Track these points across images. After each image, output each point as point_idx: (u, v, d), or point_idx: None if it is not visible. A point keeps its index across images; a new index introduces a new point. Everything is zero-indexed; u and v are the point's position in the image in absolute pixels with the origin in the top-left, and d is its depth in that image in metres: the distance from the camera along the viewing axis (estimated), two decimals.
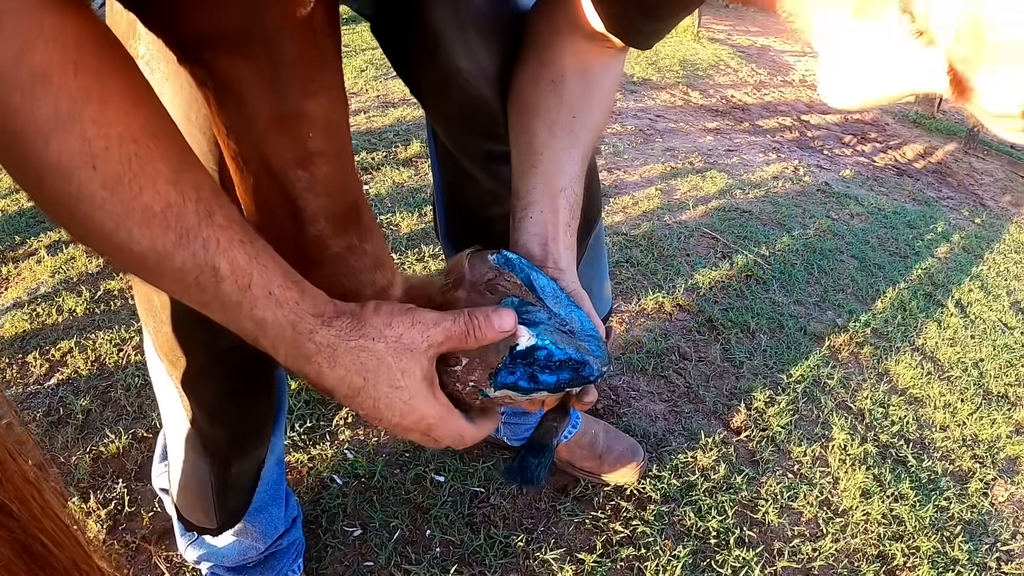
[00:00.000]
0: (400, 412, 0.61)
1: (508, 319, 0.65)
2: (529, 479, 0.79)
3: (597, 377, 0.70)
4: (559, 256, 0.77)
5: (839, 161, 4.54)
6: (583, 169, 0.81)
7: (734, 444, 1.87)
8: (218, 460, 1.10)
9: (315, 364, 0.59)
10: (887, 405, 2.16)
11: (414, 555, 1.49)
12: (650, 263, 2.62)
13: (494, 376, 0.66)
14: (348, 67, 4.48)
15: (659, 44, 4.34)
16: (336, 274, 0.78)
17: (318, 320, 0.58)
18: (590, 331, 0.74)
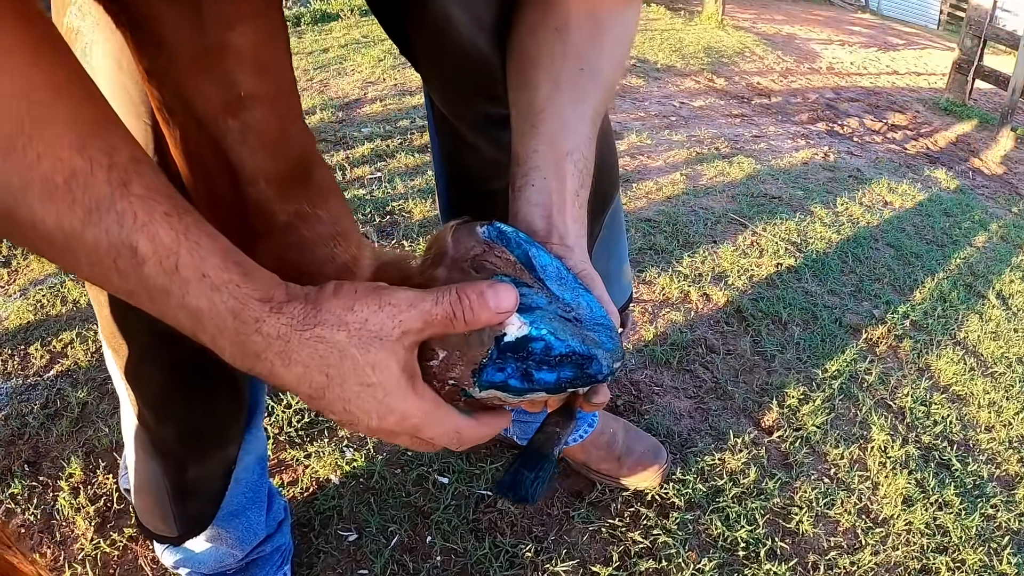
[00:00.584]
0: (377, 414, 0.50)
1: (508, 296, 0.51)
2: (523, 496, 0.62)
3: (607, 375, 0.57)
4: (566, 230, 0.64)
5: (870, 148, 4.30)
6: (594, 130, 0.69)
7: (765, 445, 1.68)
8: (171, 463, 0.96)
9: (267, 361, 0.48)
10: (929, 403, 1.96)
11: (412, 564, 1.32)
12: (675, 250, 2.43)
13: (478, 373, 0.53)
14: (366, 57, 4.44)
15: (683, 31, 4.18)
16: (286, 249, 0.62)
17: (265, 307, 0.47)
18: (600, 319, 0.61)
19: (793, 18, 9.11)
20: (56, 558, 1.33)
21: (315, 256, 0.63)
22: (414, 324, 0.49)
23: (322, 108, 3.47)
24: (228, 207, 0.63)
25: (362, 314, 0.48)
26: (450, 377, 0.53)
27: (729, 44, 6.54)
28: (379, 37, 4.95)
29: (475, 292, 0.49)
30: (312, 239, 0.62)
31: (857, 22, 10.46)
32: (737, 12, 8.50)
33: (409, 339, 0.49)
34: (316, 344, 0.47)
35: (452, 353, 0.53)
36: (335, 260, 0.63)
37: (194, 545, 1.09)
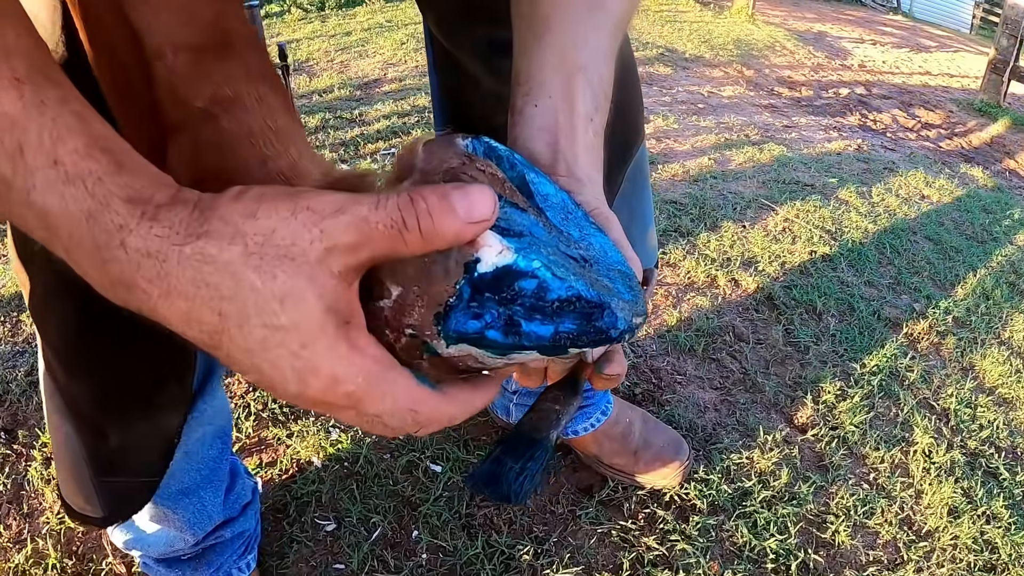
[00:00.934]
0: (294, 373, 0.35)
1: (482, 200, 0.35)
2: (503, 492, 0.46)
3: (623, 333, 0.41)
4: (574, 160, 0.51)
5: (903, 144, 4.07)
6: (612, 46, 0.56)
7: (799, 444, 1.48)
8: (85, 427, 0.79)
9: (141, 292, 0.33)
10: (974, 406, 1.76)
11: (394, 560, 1.15)
12: (701, 232, 2.24)
13: (443, 318, 0.38)
14: (389, 40, 4.38)
15: (712, 23, 4.01)
16: (202, 148, 0.46)
17: (134, 210, 0.33)
18: (617, 264, 0.47)
19: (824, 17, 8.84)
20: (20, 531, 1.22)
21: (239, 157, 0.45)
22: (344, 237, 0.33)
23: (340, 87, 3.37)
24: (136, 95, 0.47)
25: (267, 223, 0.33)
26: (407, 323, 0.38)
27: (759, 38, 6.31)
28: (403, 21, 4.89)
29: (435, 194, 0.34)
30: (234, 133, 0.45)
31: (889, 23, 10.17)
32: (767, 9, 8.26)
33: (338, 261, 0.34)
34: (200, 265, 0.32)
35: (409, 290, 0.37)
36: (266, 164, 0.45)
37: (143, 524, 0.95)
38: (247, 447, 1.34)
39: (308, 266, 0.33)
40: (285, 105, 0.47)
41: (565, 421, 0.49)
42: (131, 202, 0.32)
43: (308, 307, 0.33)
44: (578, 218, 0.47)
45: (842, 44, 7.26)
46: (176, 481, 0.91)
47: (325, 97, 3.27)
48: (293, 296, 0.33)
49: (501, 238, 0.36)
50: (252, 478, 1.14)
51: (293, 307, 0.33)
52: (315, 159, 0.48)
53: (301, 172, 0.46)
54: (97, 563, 1.15)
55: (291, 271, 0.32)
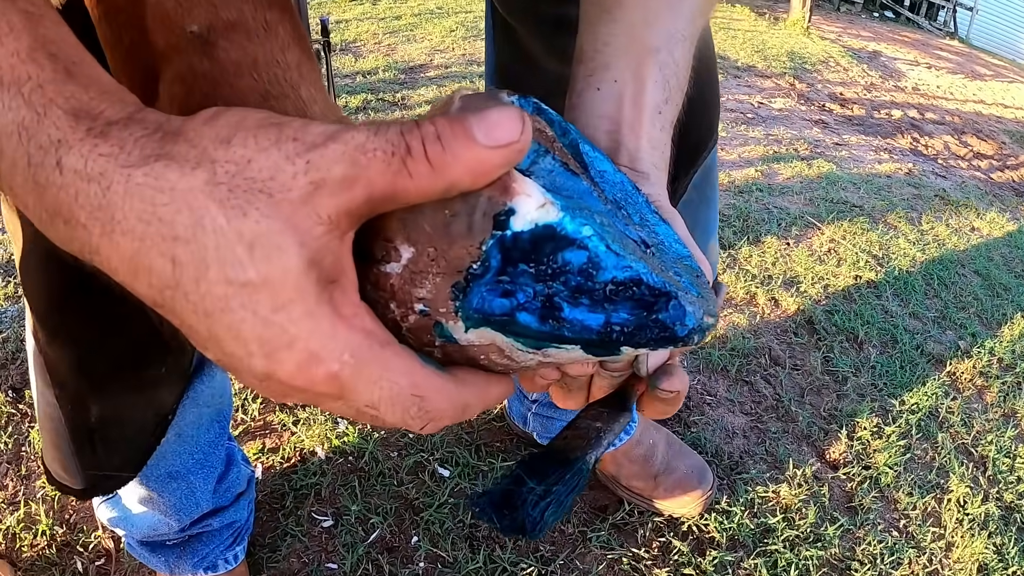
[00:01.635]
0: (262, 346, 0.26)
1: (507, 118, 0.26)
2: (518, 523, 0.35)
3: (693, 332, 0.32)
4: (638, 152, 0.43)
5: (954, 172, 3.90)
6: (692, 32, 0.48)
7: (828, 482, 1.37)
8: (65, 395, 0.71)
9: (79, 227, 0.25)
10: (1014, 456, 1.63)
11: (389, 566, 1.07)
12: (743, 247, 2.12)
13: (463, 291, 0.29)
14: (438, 26, 4.32)
15: (766, 33, 3.86)
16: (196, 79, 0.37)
17: (79, 125, 0.25)
18: (684, 258, 0.39)
19: (880, 36, 8.58)
20: (15, 492, 1.17)
21: (235, 91, 0.37)
22: (335, 170, 0.26)
23: (385, 69, 3.31)
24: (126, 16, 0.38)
25: (243, 151, 0.25)
26: (417, 298, 0.29)
27: (813, 52, 6.12)
28: (454, 9, 4.82)
29: (448, 120, 0.26)
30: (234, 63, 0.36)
31: (945, 48, 9.86)
32: (823, 23, 8.04)
33: (327, 202, 0.26)
34: (153, 194, 0.24)
35: (423, 251, 0.28)
36: (268, 103, 0.37)
37: (130, 504, 0.89)
38: (251, 430, 1.27)
39: (289, 204, 0.25)
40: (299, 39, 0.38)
41: (607, 442, 0.40)
42: (75, 115, 0.25)
43: (284, 258, 0.25)
44: (639, 203, 0.39)
45: (897, 65, 7.03)
46: (166, 463, 0.84)
47: (369, 79, 3.19)
48: (266, 241, 0.25)
49: (544, 190, 0.27)
50: (250, 466, 1.06)
51: (264, 256, 0.25)
52: (330, 106, 0.39)
53: (312, 118, 0.37)
54: (87, 534, 1.09)
55: (266, 209, 0.25)
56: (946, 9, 15.34)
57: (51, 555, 1.06)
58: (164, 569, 0.97)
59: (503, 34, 0.85)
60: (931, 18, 14.96)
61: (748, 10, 7.53)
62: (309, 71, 0.39)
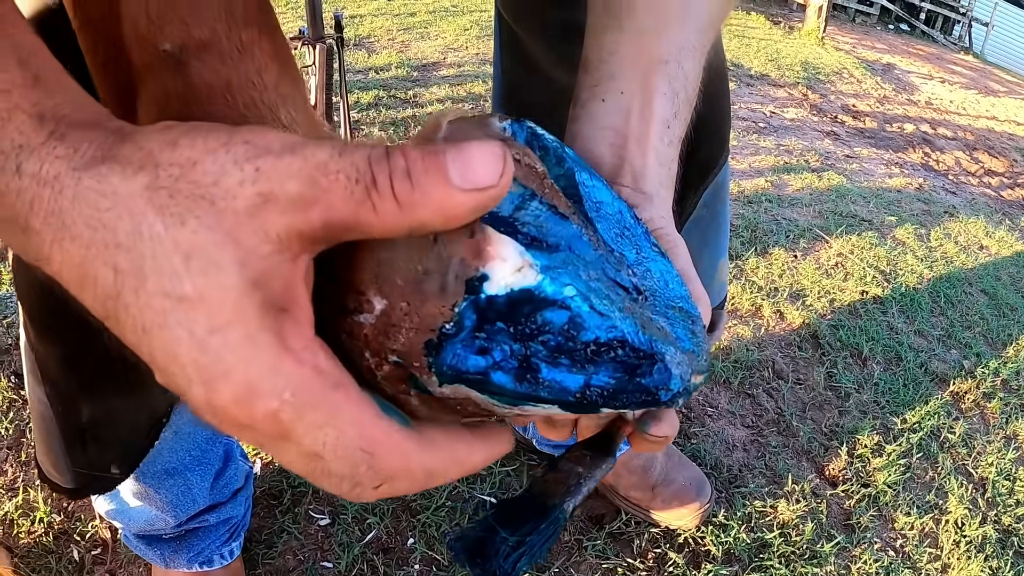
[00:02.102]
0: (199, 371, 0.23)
1: (486, 158, 0.24)
2: (489, 569, 0.34)
3: (677, 395, 0.31)
4: (643, 171, 0.41)
5: (964, 189, 3.87)
6: (703, 43, 0.46)
7: (827, 498, 1.36)
8: (55, 394, 0.70)
9: (36, 235, 0.24)
10: (1013, 478, 1.62)
11: (384, 567, 1.07)
12: (750, 257, 2.11)
13: (436, 348, 0.27)
14: (452, 24, 4.31)
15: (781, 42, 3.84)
16: (169, 99, 0.35)
17: (42, 129, 0.24)
18: (679, 300, 0.36)
19: (894, 48, 8.54)
20: (15, 479, 1.16)
21: (208, 116, 0.34)
22: (288, 185, 0.23)
23: (398, 66, 3.30)
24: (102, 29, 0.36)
25: (189, 152, 0.23)
26: (390, 349, 0.27)
27: (828, 62, 6.09)
28: (469, 8, 4.80)
29: (421, 154, 0.23)
30: (207, 85, 0.34)
31: (959, 63, 9.81)
32: (838, 34, 8.00)
33: (276, 220, 0.23)
34: (98, 199, 0.23)
35: (396, 304, 0.27)
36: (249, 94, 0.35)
37: (127, 497, 0.88)
38: None
39: (232, 215, 0.23)
40: (278, 58, 0.36)
41: (587, 489, 0.39)
42: (40, 119, 0.24)
43: (222, 275, 0.23)
44: (637, 236, 0.37)
45: (910, 79, 7.00)
46: (162, 460, 0.83)
47: (381, 75, 3.18)
48: (203, 254, 0.22)
49: (523, 250, 0.26)
50: (248, 462, 1.05)
51: (201, 270, 0.22)
52: (314, 125, 0.37)
53: None
54: (84, 523, 1.08)
55: (207, 218, 0.23)
56: (961, 24, 15.26)
57: (48, 543, 1.05)
58: (159, 563, 0.96)
59: (509, 44, 0.83)
60: (946, 32, 14.89)
61: (763, 18, 7.50)
62: (290, 91, 0.37)
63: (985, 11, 16.43)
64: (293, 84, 0.38)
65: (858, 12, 11.83)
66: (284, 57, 0.38)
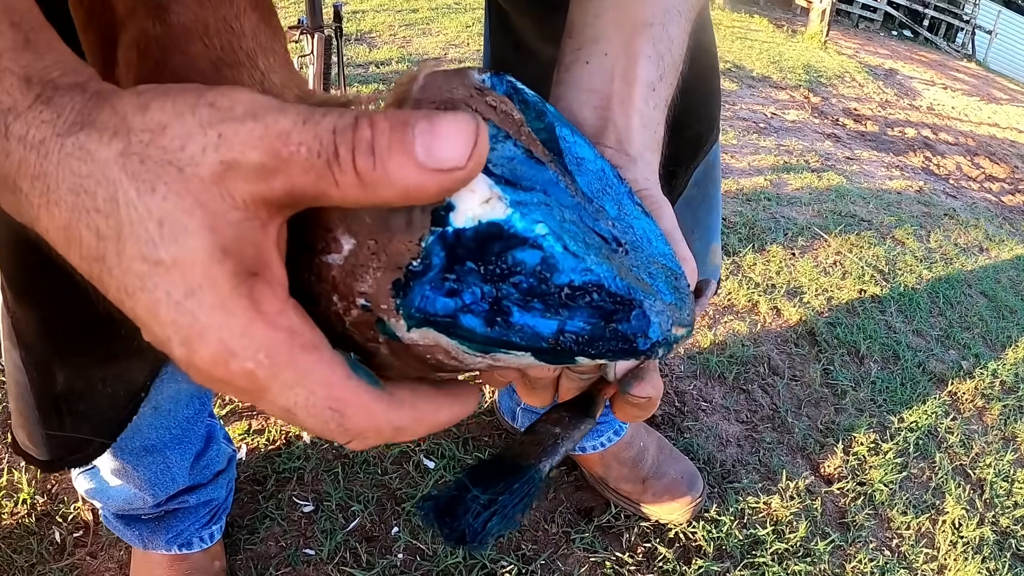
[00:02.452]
0: (178, 331, 0.24)
1: (459, 132, 0.22)
2: (458, 529, 0.32)
3: (656, 345, 0.29)
4: (627, 132, 0.40)
5: (965, 193, 3.86)
6: (689, 8, 0.45)
7: (822, 496, 1.34)
8: (32, 360, 0.68)
9: (23, 197, 0.24)
10: (1012, 480, 1.60)
11: (367, 555, 1.05)
12: (748, 254, 2.09)
13: (403, 288, 0.26)
14: (455, 21, 4.32)
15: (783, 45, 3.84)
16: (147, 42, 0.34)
17: (29, 92, 0.24)
18: (662, 256, 0.35)
19: (897, 54, 8.54)
20: (0, 459, 1.14)
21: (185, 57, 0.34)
22: (249, 154, 0.23)
23: (398, 61, 3.28)
24: None
25: (159, 116, 0.23)
26: (358, 291, 0.27)
27: (830, 66, 6.08)
28: (471, 5, 4.78)
29: (389, 120, 0.23)
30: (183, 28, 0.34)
31: (962, 70, 9.80)
32: (841, 38, 7.99)
33: (240, 187, 0.24)
34: (79, 165, 0.23)
35: (364, 243, 0.26)
36: (220, 72, 0.34)
37: (106, 476, 0.86)
38: (238, 411, 1.24)
39: (199, 182, 0.23)
40: (258, 6, 0.35)
41: (565, 449, 0.37)
42: (28, 81, 0.24)
43: (192, 240, 0.23)
44: (620, 194, 0.36)
45: (912, 84, 6.98)
46: (141, 436, 0.82)
47: (382, 69, 3.17)
48: (173, 220, 0.23)
49: (492, 183, 0.25)
50: (232, 446, 1.03)
51: (172, 236, 0.23)
52: (292, 77, 0.36)
53: (268, 90, 0.35)
54: (67, 505, 1.07)
55: (175, 185, 0.23)
56: (965, 31, 15.26)
57: (30, 524, 1.04)
58: (138, 543, 0.94)
59: (497, 21, 0.82)
60: (949, 39, 14.89)
61: (766, 21, 7.49)
62: (268, 40, 0.36)
63: (989, 19, 16.43)
64: (273, 34, 0.37)
65: (861, 17, 11.83)
66: (264, 5, 0.37)
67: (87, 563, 1.01)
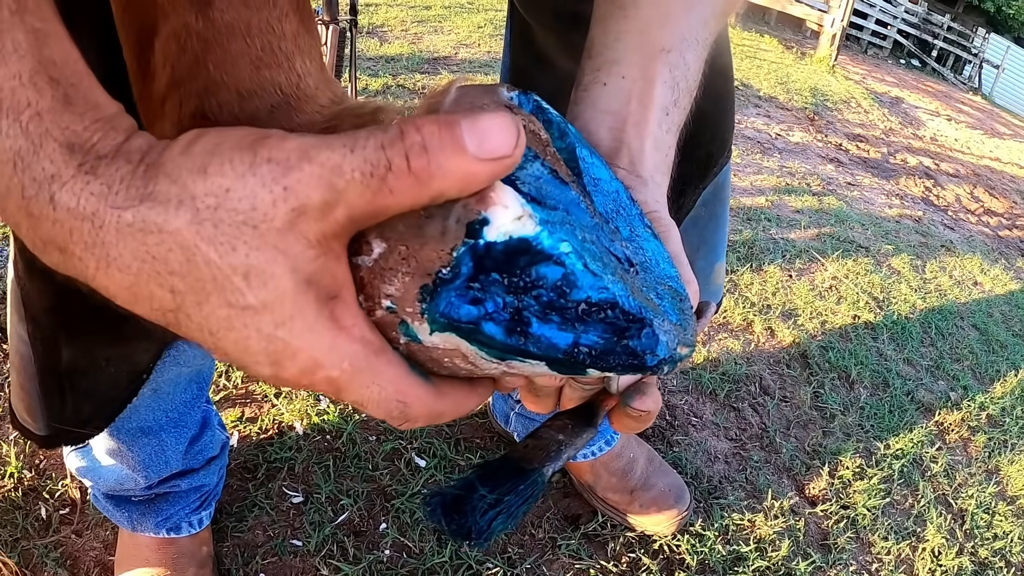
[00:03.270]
0: (268, 356, 0.27)
1: (501, 128, 0.25)
2: (465, 525, 0.34)
3: (663, 362, 0.31)
4: (640, 154, 0.42)
5: (963, 225, 3.89)
6: (706, 36, 0.46)
7: (805, 517, 1.35)
8: (38, 334, 0.68)
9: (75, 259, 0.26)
10: (992, 512, 1.61)
11: (354, 549, 1.05)
12: (745, 273, 2.10)
13: (431, 294, 0.28)
14: (467, 21, 4.34)
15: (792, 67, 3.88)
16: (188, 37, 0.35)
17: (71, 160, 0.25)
18: (669, 279, 0.37)
19: (904, 83, 8.59)
20: None
21: (227, 55, 0.35)
22: (314, 196, 0.25)
23: (409, 57, 3.29)
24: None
25: (220, 181, 0.25)
26: (385, 294, 0.29)
27: (836, 90, 6.12)
28: (484, 6, 4.82)
29: (433, 122, 0.25)
30: (226, 26, 0.35)
31: (967, 102, 9.87)
32: (849, 64, 8.04)
33: (311, 227, 0.26)
34: (143, 236, 0.25)
35: (394, 248, 0.28)
36: (259, 72, 0.35)
37: (99, 455, 0.87)
38: (232, 397, 1.25)
39: (275, 233, 0.25)
40: (299, 10, 0.36)
41: (567, 456, 0.39)
42: (69, 148, 0.25)
43: (279, 284, 0.26)
44: (632, 216, 0.38)
45: (917, 114, 7.03)
46: (138, 417, 0.82)
47: (392, 64, 3.19)
48: (260, 271, 0.26)
49: (523, 200, 0.27)
50: (225, 432, 1.04)
51: (261, 284, 0.26)
52: (327, 81, 0.37)
53: (304, 92, 0.36)
54: (55, 482, 1.07)
55: (254, 242, 0.25)
56: (972, 64, 15.36)
57: (17, 498, 1.04)
58: (127, 525, 0.95)
59: (519, 32, 0.83)
60: (957, 71, 14.98)
61: (776, 42, 7.53)
62: (307, 44, 0.37)
63: (997, 54, 16.55)
64: (310, 37, 0.39)
65: (871, 44, 11.90)
66: (305, 10, 0.38)
67: (72, 541, 1.01)
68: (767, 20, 9.96)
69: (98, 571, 0.98)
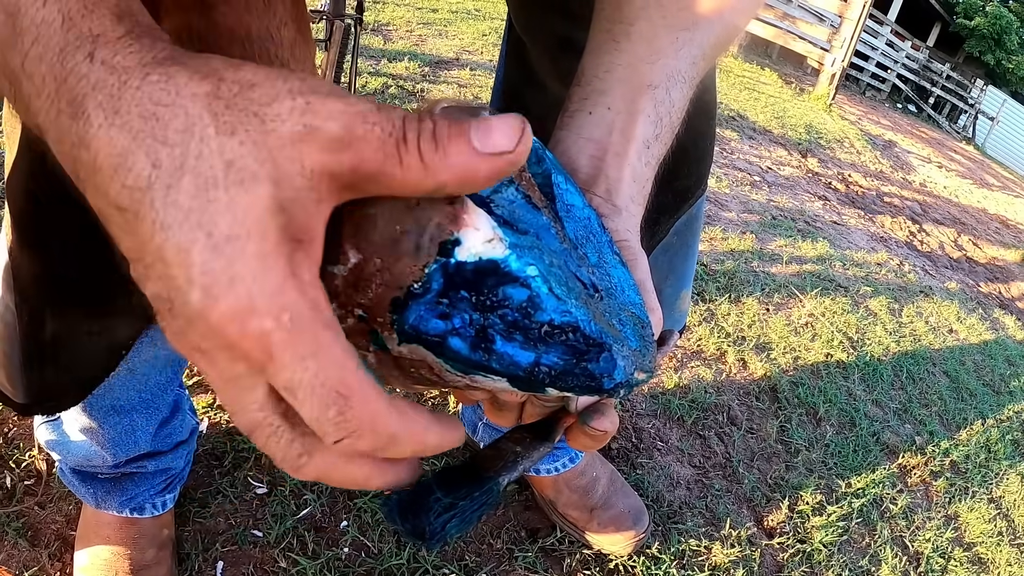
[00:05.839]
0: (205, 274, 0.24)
1: (506, 128, 0.27)
2: (419, 526, 0.35)
3: (620, 386, 0.33)
4: (618, 184, 0.44)
5: (944, 273, 3.96)
6: (693, 75, 0.49)
7: (762, 548, 1.38)
8: (25, 305, 0.70)
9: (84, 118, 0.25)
10: (948, 557, 1.66)
11: (313, 544, 1.07)
12: (723, 304, 2.14)
13: (401, 306, 0.29)
14: (472, 27, 4.37)
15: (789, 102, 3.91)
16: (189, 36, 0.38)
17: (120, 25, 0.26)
18: (633, 305, 0.39)
19: (898, 127, 8.73)
20: None
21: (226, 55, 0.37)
22: (330, 124, 0.25)
23: (411, 58, 3.31)
24: None
25: (250, 75, 0.26)
26: (357, 303, 0.30)
27: (831, 128, 6.21)
28: (490, 13, 4.85)
29: (448, 120, 0.27)
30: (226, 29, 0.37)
31: (959, 151, 10.04)
32: (846, 103, 8.16)
33: (313, 155, 0.26)
34: (160, 93, 0.25)
35: (370, 259, 0.29)
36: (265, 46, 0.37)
37: (69, 429, 0.88)
38: (206, 383, 1.27)
39: (277, 137, 0.25)
40: (298, 20, 0.39)
41: (523, 468, 0.40)
42: (119, 16, 0.26)
43: (256, 186, 0.25)
44: (601, 243, 0.40)
45: (909, 158, 7.15)
46: (112, 395, 0.84)
47: (394, 64, 3.21)
48: (243, 164, 0.25)
49: (495, 225, 0.29)
50: (195, 418, 1.06)
51: (237, 179, 0.24)
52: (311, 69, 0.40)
53: None
54: (22, 452, 1.08)
55: (255, 134, 0.25)
56: (968, 114, 15.60)
57: None
58: (91, 501, 0.96)
59: (514, 50, 0.86)
60: (952, 120, 15.22)
61: (776, 76, 7.64)
62: (302, 53, 0.40)
63: (993, 106, 16.83)
64: (306, 46, 0.41)
65: (869, 86, 12.08)
66: (302, 21, 0.41)
67: (34, 512, 1.02)
68: (769, 54, 10.10)
69: (58, 544, 0.99)
